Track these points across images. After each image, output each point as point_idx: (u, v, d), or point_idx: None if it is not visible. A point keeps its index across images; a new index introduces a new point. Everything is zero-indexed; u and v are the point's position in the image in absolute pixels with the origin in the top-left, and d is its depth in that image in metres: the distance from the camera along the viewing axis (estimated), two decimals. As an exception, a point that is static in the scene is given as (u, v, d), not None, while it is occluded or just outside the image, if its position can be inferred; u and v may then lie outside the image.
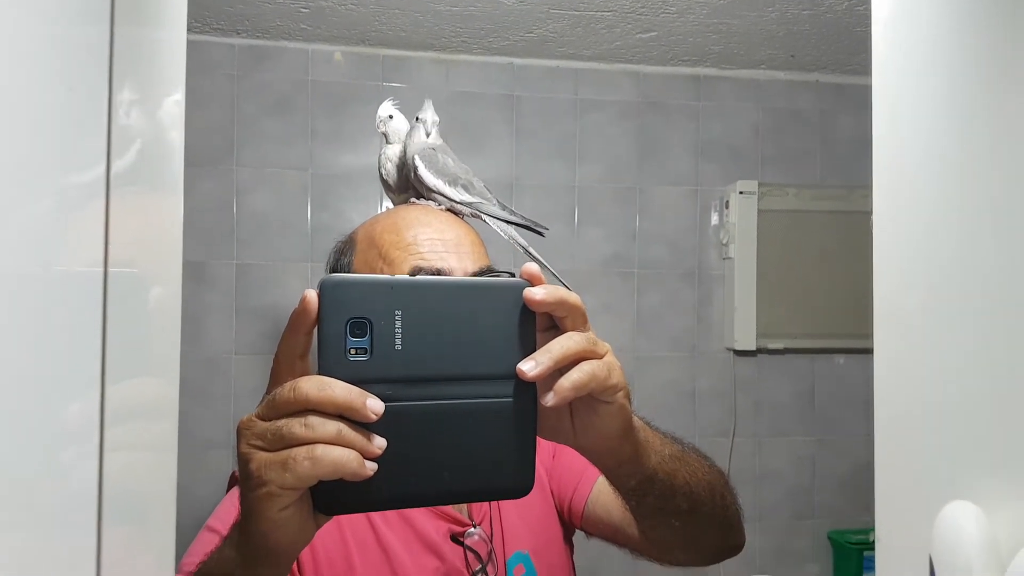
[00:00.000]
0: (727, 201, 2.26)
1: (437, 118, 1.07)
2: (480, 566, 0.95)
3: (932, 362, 0.48)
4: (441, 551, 0.94)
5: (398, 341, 0.52)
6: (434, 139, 1.05)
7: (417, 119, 1.06)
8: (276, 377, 0.53)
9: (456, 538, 0.96)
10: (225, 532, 0.84)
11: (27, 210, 0.32)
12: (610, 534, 1.00)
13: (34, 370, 0.32)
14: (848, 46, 2.11)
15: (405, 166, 1.06)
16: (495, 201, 1.06)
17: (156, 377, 0.44)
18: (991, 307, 0.44)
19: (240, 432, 0.52)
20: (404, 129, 1.10)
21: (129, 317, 0.39)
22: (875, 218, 0.54)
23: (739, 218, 2.22)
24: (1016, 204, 0.42)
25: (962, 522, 0.42)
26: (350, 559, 0.90)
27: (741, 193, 2.22)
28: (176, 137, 0.48)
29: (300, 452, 0.49)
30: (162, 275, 0.45)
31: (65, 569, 0.34)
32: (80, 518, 0.35)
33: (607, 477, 0.73)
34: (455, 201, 1.02)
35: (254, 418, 0.52)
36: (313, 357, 0.53)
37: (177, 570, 0.82)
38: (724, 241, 2.26)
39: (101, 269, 0.36)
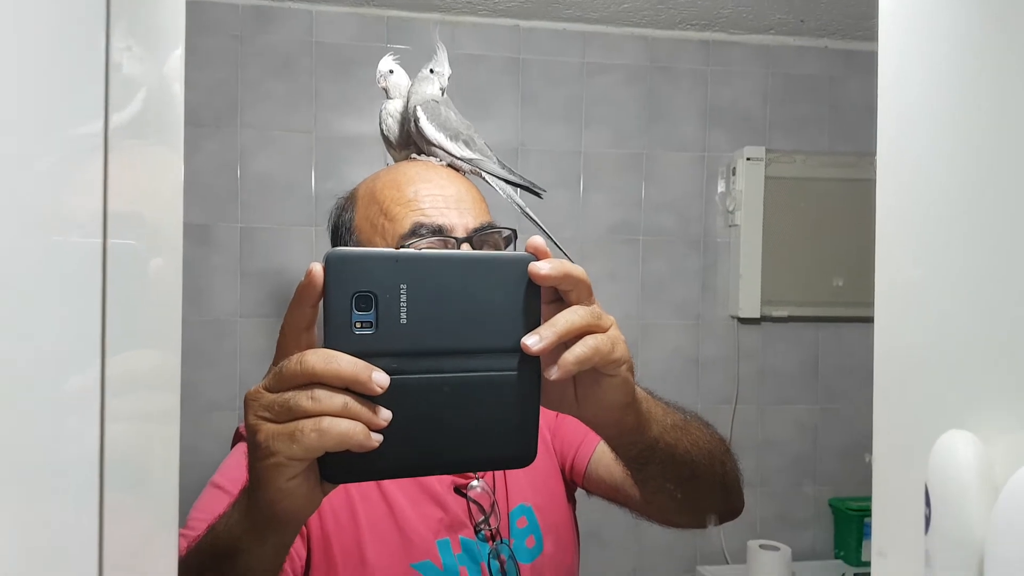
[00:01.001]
0: (734, 168, 2.24)
1: (451, 71, 1.06)
2: (483, 517, 0.96)
3: (933, 293, 0.48)
4: (444, 502, 0.95)
5: (403, 315, 0.52)
6: (444, 92, 1.04)
7: (432, 71, 1.05)
8: (282, 349, 0.54)
9: (459, 490, 0.97)
10: (229, 488, 0.86)
11: (22, 175, 0.32)
12: (611, 494, 1.02)
13: (34, 342, 0.32)
14: (858, 11, 2.08)
15: (406, 120, 1.05)
16: (495, 159, 1.05)
17: (157, 348, 0.44)
18: (992, 242, 0.44)
19: (248, 403, 0.53)
20: (405, 84, 1.09)
21: (128, 286, 0.38)
22: (878, 160, 0.53)
23: (746, 185, 2.20)
24: (1021, 165, 0.42)
25: (959, 450, 0.42)
26: (354, 512, 0.92)
27: (748, 160, 2.20)
28: (177, 96, 0.47)
29: (307, 424, 0.50)
30: (162, 243, 0.45)
31: (70, 531, 0.35)
32: (83, 487, 0.35)
33: (609, 445, 0.74)
34: (455, 156, 1.01)
35: (261, 389, 0.52)
36: (319, 329, 0.53)
37: (184, 525, 0.85)
38: (730, 208, 2.25)
39: (100, 240, 0.35)
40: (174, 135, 0.47)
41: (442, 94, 1.04)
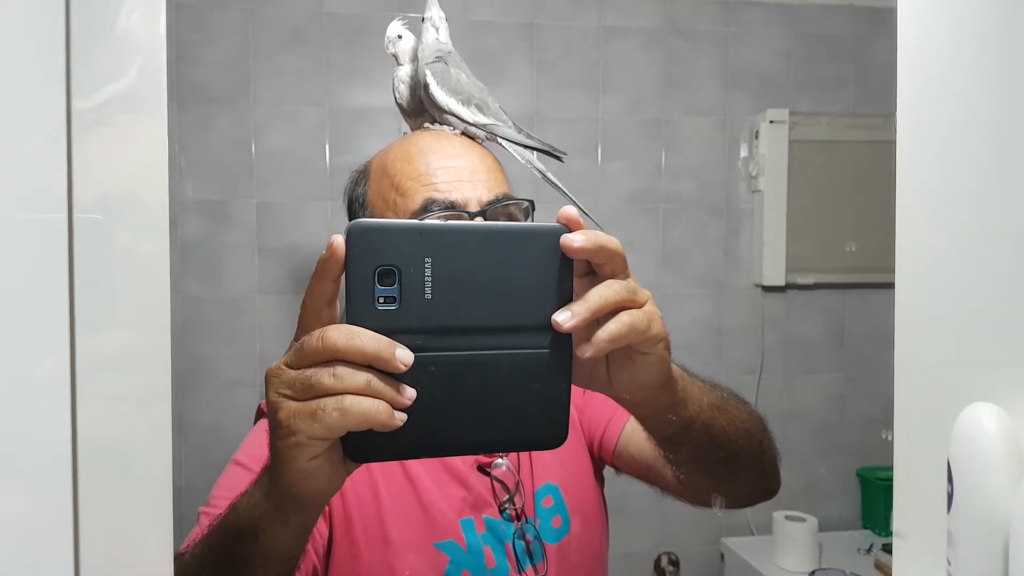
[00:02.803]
0: (757, 131, 2.19)
1: (443, 13, 1.02)
2: (507, 496, 0.94)
3: (955, 262, 0.47)
4: (467, 481, 0.94)
5: (428, 290, 0.50)
6: (444, 38, 1.01)
7: (423, 20, 1.01)
8: (304, 324, 0.52)
9: (483, 468, 0.96)
10: (251, 465, 0.85)
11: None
12: (642, 473, 1.00)
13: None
14: (887, -35, 2.01)
15: (417, 86, 1.02)
16: (511, 123, 1.01)
17: (140, 327, 0.42)
18: (1017, 209, 0.42)
19: (268, 380, 0.51)
20: (415, 49, 1.06)
21: (100, 266, 0.36)
22: (899, 128, 0.51)
23: (769, 149, 2.15)
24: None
25: (983, 423, 0.41)
26: (377, 490, 0.91)
27: (771, 123, 2.15)
28: (159, 68, 0.44)
29: (329, 403, 0.48)
30: (142, 216, 0.43)
31: (40, 520, 0.33)
32: (54, 472, 0.33)
33: (642, 425, 0.71)
34: (469, 123, 0.97)
35: (282, 366, 0.51)
36: (341, 304, 0.51)
37: (206, 503, 0.84)
38: (753, 173, 2.20)
39: (65, 215, 0.33)
40: (155, 107, 0.45)
41: (437, 33, 1.00)
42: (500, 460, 0.96)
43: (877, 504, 2.21)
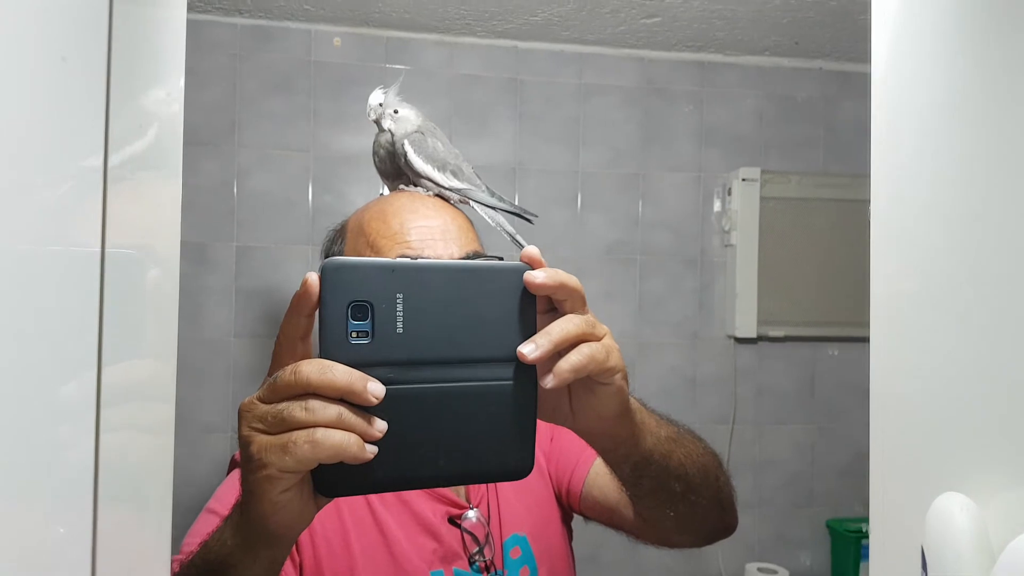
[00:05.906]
0: (730, 188, 2.25)
1: (415, 111, 1.07)
2: (477, 548, 0.95)
3: (928, 352, 0.48)
4: (438, 533, 0.94)
5: (399, 324, 0.52)
6: (422, 121, 1.05)
7: (397, 112, 1.07)
8: (278, 359, 0.54)
9: (453, 520, 0.96)
10: (226, 514, 0.85)
11: (25, 194, 0.32)
12: (607, 516, 1.01)
13: (30, 351, 0.32)
14: (852, 33, 2.10)
15: (396, 151, 1.06)
16: (484, 187, 1.06)
17: (153, 359, 0.44)
18: (987, 297, 0.44)
19: (241, 414, 0.52)
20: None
21: (126, 299, 0.39)
22: (872, 206, 0.53)
23: (741, 205, 2.21)
24: (1014, 191, 0.42)
25: (954, 513, 0.42)
26: (347, 540, 0.91)
27: (744, 180, 2.21)
28: (176, 119, 0.47)
29: (300, 436, 0.49)
30: (160, 258, 0.45)
31: (62, 545, 0.35)
32: (76, 497, 0.35)
33: (604, 458, 0.74)
34: (443, 187, 1.02)
35: (255, 400, 0.52)
36: (315, 339, 0.53)
37: (178, 551, 0.83)
38: (726, 228, 2.26)
39: (98, 251, 0.36)
40: (172, 162, 0.47)
41: (394, 114, 1.05)
42: (471, 512, 0.97)
43: (847, 557, 2.22)
